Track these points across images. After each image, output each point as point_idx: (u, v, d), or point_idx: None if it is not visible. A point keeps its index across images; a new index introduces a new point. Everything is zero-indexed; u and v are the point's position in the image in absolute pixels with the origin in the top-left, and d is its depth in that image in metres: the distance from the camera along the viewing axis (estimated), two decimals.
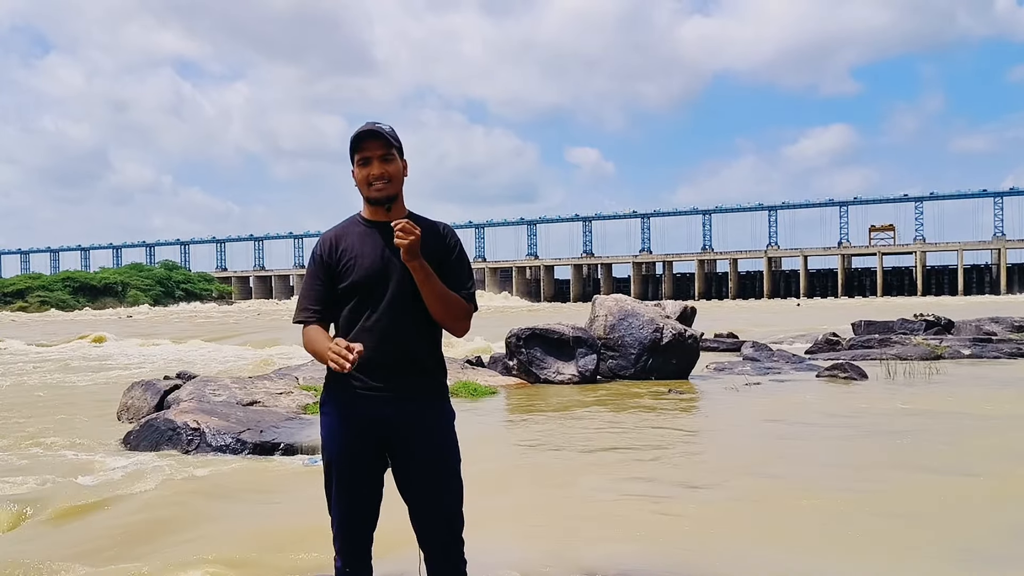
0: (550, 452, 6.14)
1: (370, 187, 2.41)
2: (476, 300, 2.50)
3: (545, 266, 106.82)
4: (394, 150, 2.41)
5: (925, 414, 7.57)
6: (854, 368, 10.51)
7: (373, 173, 2.39)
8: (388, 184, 2.40)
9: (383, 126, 2.43)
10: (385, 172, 2.39)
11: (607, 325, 10.91)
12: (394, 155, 2.41)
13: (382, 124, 2.45)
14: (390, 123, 2.43)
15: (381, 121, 2.47)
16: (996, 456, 5.69)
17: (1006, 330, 16.85)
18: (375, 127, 2.41)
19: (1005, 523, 4.15)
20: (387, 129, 2.43)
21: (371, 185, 2.40)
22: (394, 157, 2.41)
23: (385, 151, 2.39)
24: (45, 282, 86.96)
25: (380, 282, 2.38)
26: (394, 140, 2.42)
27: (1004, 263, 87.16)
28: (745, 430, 7.00)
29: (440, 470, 2.41)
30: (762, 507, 4.47)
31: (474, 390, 9.26)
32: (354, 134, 2.41)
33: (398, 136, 2.47)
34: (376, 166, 2.39)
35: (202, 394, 7.52)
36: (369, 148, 2.39)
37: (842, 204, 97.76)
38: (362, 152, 2.40)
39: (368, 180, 2.40)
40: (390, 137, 2.41)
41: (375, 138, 2.38)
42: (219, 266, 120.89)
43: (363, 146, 2.39)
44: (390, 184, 2.40)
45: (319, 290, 2.44)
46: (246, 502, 4.84)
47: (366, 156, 2.40)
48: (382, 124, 2.45)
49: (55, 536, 4.18)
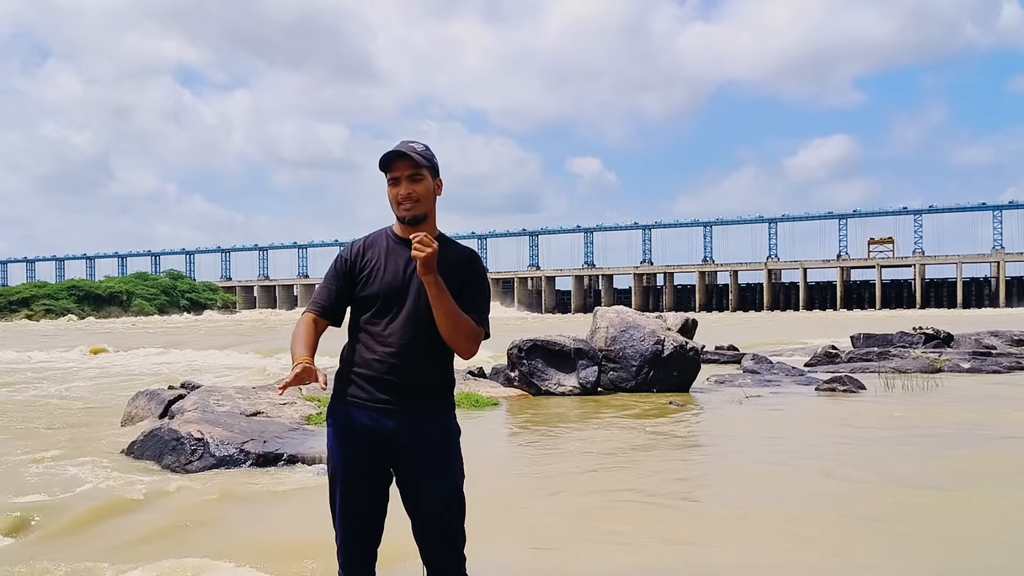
0: (550, 463, 6.18)
1: (399, 206, 2.44)
2: (488, 328, 2.49)
3: (547, 277, 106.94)
4: (424, 170, 2.42)
5: (922, 427, 7.61)
6: (853, 381, 10.56)
7: (401, 193, 2.42)
8: (416, 204, 2.42)
9: (416, 145, 2.45)
10: (413, 192, 2.41)
11: (608, 337, 10.97)
12: (424, 175, 2.42)
13: (415, 143, 2.46)
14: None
15: (415, 140, 2.48)
16: (991, 472, 5.74)
17: (1006, 344, 16.89)
18: (405, 147, 2.42)
19: (1001, 542, 4.19)
20: (419, 149, 2.43)
21: (400, 205, 2.43)
22: (423, 177, 2.43)
23: (414, 171, 2.41)
24: (50, 290, 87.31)
25: (398, 297, 2.40)
26: (425, 160, 2.42)
27: (1003, 276, 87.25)
28: (745, 443, 7.04)
29: (442, 486, 2.41)
30: (759, 522, 4.52)
31: (476, 401, 9.32)
32: (386, 156, 2.43)
33: (432, 155, 2.47)
34: (404, 186, 2.42)
35: (206, 404, 7.57)
36: (398, 168, 2.42)
37: (841, 217, 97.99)
38: (392, 172, 2.43)
39: (397, 200, 2.43)
40: (420, 156, 2.41)
41: (402, 158, 2.40)
42: (224, 275, 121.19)
43: (392, 166, 2.42)
44: (418, 204, 2.42)
45: (332, 289, 2.48)
46: (249, 512, 4.88)
47: (395, 176, 2.42)
48: (415, 143, 2.46)
49: (55, 547, 4.21)
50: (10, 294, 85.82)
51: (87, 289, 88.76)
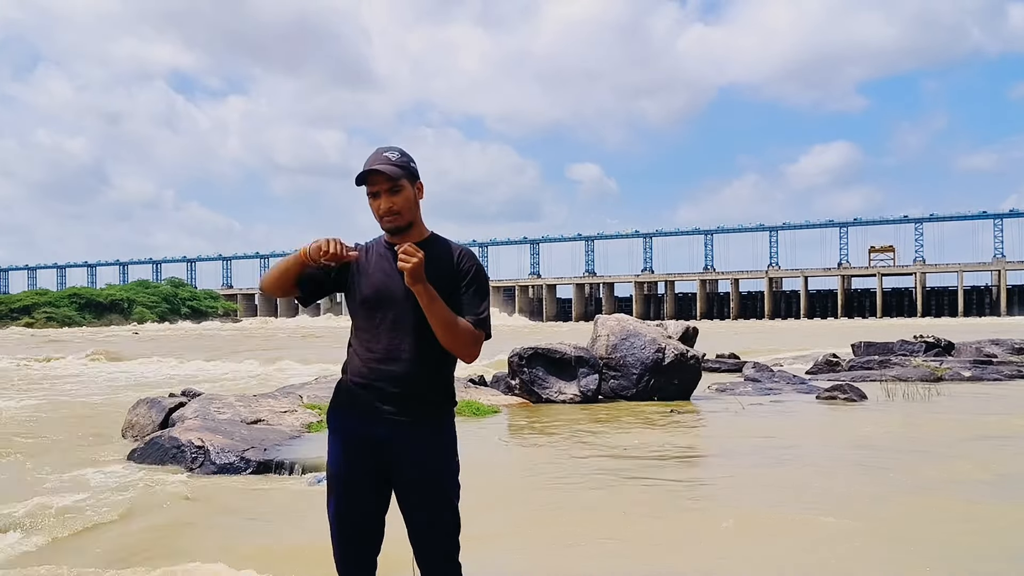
0: (550, 471, 6.18)
1: (382, 219, 2.43)
2: (489, 326, 2.45)
3: (548, 285, 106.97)
4: (401, 180, 2.38)
5: (923, 435, 7.61)
6: (854, 389, 10.55)
7: (382, 208, 2.40)
8: (397, 216, 2.41)
9: (391, 154, 2.40)
10: (393, 205, 2.39)
11: (609, 345, 10.97)
12: (402, 185, 2.39)
13: (390, 151, 2.41)
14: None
15: (392, 145, 2.45)
16: (994, 479, 5.73)
17: (1007, 352, 16.87)
18: (379, 163, 2.38)
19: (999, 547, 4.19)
20: (394, 158, 2.39)
21: (383, 218, 2.42)
22: (402, 187, 2.39)
23: (391, 184, 2.38)
24: (51, 298, 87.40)
25: (385, 304, 2.39)
26: (400, 170, 2.38)
27: (1004, 285, 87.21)
28: (747, 452, 7.03)
29: (437, 493, 2.41)
30: (759, 530, 4.52)
31: (477, 409, 9.32)
32: (361, 173, 2.39)
33: (409, 159, 2.43)
34: (384, 200, 2.39)
35: (207, 412, 7.57)
36: (376, 183, 2.39)
37: (842, 225, 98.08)
38: (369, 187, 2.40)
39: (379, 214, 2.42)
40: (395, 168, 2.37)
41: (377, 174, 2.37)
42: (225, 283, 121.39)
43: (369, 180, 2.39)
44: (399, 216, 2.41)
45: (316, 270, 2.42)
46: (248, 520, 4.89)
47: (374, 191, 2.40)
48: (390, 151, 2.41)
49: (52, 553, 4.22)
50: (11, 302, 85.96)
51: (88, 297, 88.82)
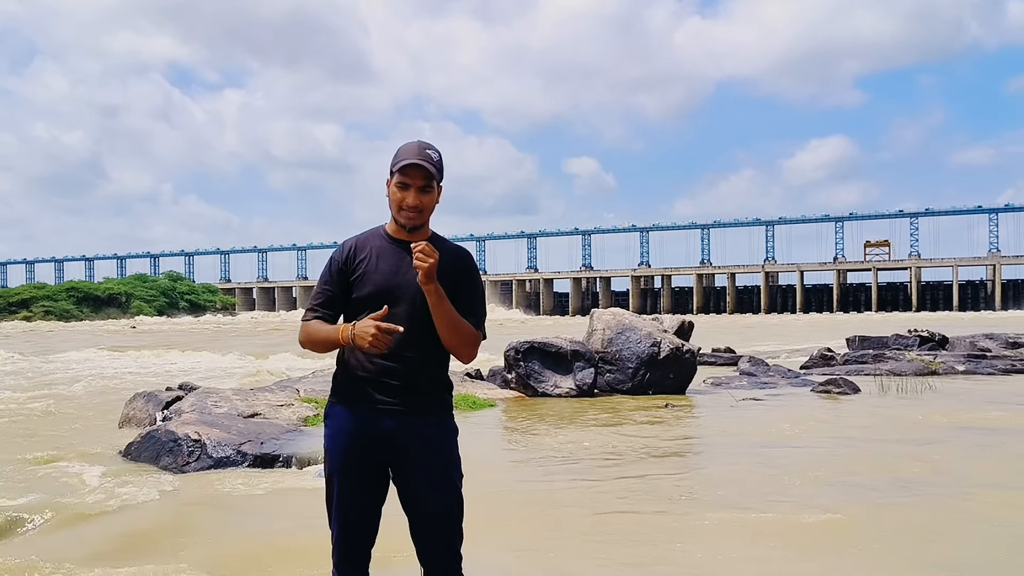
0: (545, 464, 6.21)
1: (400, 211, 2.43)
2: (485, 328, 2.49)
3: (545, 279, 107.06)
4: (434, 181, 2.41)
5: (917, 429, 7.65)
6: (848, 383, 10.61)
7: (408, 202, 2.40)
8: (420, 215, 2.42)
9: (432, 153, 2.40)
10: (420, 203, 2.40)
11: (605, 339, 11.01)
12: (433, 186, 2.42)
13: (432, 150, 2.41)
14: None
15: (432, 145, 2.43)
16: (987, 472, 5.78)
17: (1001, 347, 16.95)
18: (423, 159, 2.38)
19: (993, 539, 4.23)
20: (435, 158, 2.40)
21: (402, 211, 2.42)
22: (433, 188, 2.42)
23: (425, 182, 2.39)
24: (49, 292, 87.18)
25: (392, 299, 2.39)
26: (438, 171, 2.41)
27: (999, 279, 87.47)
28: (741, 445, 7.07)
29: (440, 486, 2.42)
30: (754, 523, 4.56)
31: (473, 402, 9.37)
32: (403, 162, 2.38)
33: (442, 164, 2.44)
34: (413, 195, 2.39)
35: (203, 406, 7.59)
36: (411, 176, 2.39)
37: (838, 220, 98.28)
38: (404, 176, 2.39)
39: (401, 205, 2.42)
40: (434, 168, 2.38)
41: (419, 169, 2.38)
42: (223, 277, 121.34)
43: (407, 172, 2.39)
44: (421, 215, 2.42)
45: (328, 293, 2.47)
46: (245, 514, 4.91)
47: (406, 182, 2.40)
48: (432, 150, 2.41)
49: (48, 544, 4.23)
50: (9, 295, 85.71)
51: (86, 291, 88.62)
